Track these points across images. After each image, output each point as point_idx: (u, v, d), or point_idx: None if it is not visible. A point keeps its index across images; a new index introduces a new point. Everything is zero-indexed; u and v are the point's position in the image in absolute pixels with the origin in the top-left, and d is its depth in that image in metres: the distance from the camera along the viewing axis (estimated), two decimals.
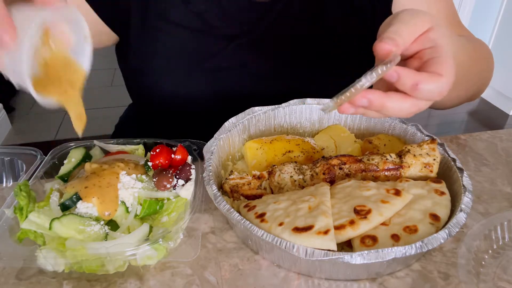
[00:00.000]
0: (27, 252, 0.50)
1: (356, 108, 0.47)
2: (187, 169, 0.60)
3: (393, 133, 0.71)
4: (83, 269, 0.50)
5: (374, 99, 0.46)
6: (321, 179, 0.59)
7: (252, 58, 0.78)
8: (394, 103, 0.46)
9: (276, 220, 0.51)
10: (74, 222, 0.51)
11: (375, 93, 0.46)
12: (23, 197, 0.53)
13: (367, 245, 0.48)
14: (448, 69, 0.46)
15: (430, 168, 0.59)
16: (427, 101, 0.47)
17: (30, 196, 0.55)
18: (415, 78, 0.45)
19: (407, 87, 0.46)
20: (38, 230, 0.51)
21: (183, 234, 0.56)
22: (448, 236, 0.47)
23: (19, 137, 2.67)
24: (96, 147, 0.67)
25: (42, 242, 0.52)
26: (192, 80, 0.78)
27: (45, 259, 0.49)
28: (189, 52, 0.77)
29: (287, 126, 0.75)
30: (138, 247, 0.49)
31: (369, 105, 0.46)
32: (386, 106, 0.46)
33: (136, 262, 0.52)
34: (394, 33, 0.46)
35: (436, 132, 0.69)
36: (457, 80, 0.50)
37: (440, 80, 0.45)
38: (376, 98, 0.46)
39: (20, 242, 0.52)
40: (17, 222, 0.53)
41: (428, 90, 0.45)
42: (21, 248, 0.51)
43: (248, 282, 0.52)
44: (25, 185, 0.55)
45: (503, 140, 0.82)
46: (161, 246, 0.52)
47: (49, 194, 0.57)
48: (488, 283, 0.50)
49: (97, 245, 0.50)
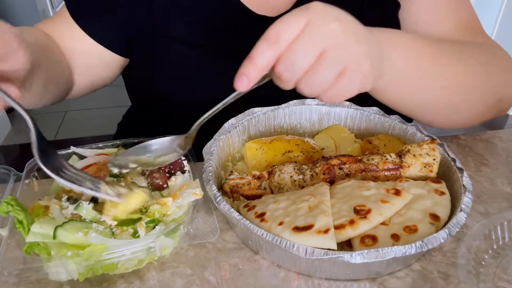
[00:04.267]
0: (38, 263, 0.49)
1: (249, 80, 0.48)
2: (179, 162, 0.60)
3: (393, 133, 0.71)
4: (99, 272, 0.50)
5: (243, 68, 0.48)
6: (321, 179, 0.59)
7: None
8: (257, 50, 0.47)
9: (276, 219, 0.51)
10: (77, 227, 0.51)
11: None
12: (18, 211, 0.52)
13: (367, 244, 0.48)
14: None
15: (430, 168, 0.59)
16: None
17: (23, 208, 0.53)
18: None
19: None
20: (44, 240, 0.50)
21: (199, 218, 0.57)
22: (448, 236, 0.47)
23: (19, 137, 2.67)
24: (73, 156, 0.66)
25: (47, 254, 0.50)
26: (194, 89, 0.79)
27: (55, 268, 0.48)
28: (191, 65, 0.78)
29: (287, 127, 0.75)
30: (156, 238, 0.50)
31: (247, 75, 0.47)
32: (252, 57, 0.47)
33: (154, 256, 0.52)
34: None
35: (436, 132, 0.68)
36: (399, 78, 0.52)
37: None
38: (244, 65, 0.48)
39: (28, 254, 0.51)
40: (21, 236, 0.51)
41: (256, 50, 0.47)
42: (31, 260, 0.50)
43: (248, 282, 0.52)
44: (14, 199, 0.53)
45: (503, 140, 0.82)
46: (177, 234, 0.53)
47: (38, 205, 0.55)
48: (488, 283, 0.49)
49: (117, 242, 0.50)
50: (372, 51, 0.51)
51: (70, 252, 0.49)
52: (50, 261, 0.49)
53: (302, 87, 0.49)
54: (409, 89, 0.64)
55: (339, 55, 0.47)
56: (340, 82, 0.48)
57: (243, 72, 0.48)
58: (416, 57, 0.61)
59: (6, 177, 0.62)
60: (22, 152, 2.55)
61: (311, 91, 0.49)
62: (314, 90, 0.49)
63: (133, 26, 0.77)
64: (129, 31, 0.78)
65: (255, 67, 0.47)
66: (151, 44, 0.78)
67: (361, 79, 0.49)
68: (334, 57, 0.46)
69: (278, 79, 0.49)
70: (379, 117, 0.72)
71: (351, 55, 0.47)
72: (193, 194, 0.55)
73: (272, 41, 0.46)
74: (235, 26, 0.77)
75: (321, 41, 0.46)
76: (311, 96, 0.51)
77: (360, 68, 0.48)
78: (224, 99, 0.53)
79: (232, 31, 0.77)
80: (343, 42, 0.47)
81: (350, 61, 0.47)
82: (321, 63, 0.46)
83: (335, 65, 0.47)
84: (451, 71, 0.66)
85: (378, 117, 0.72)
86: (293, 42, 0.46)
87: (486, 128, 0.87)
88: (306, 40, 0.46)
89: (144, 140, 0.66)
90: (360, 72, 0.49)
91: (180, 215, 0.55)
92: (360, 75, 0.49)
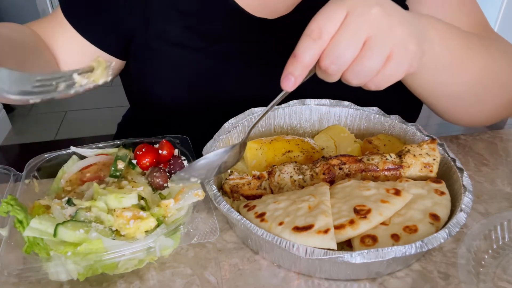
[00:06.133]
0: (38, 262, 0.49)
1: (296, 78, 0.48)
2: (179, 162, 0.60)
3: (393, 133, 0.71)
4: (99, 271, 0.50)
5: (289, 66, 0.48)
6: (321, 179, 0.59)
7: (254, 71, 0.78)
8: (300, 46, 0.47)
9: (276, 219, 0.51)
10: (78, 226, 0.51)
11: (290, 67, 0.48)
12: (18, 210, 0.52)
13: (367, 244, 0.48)
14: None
15: (430, 168, 0.59)
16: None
17: (23, 208, 0.53)
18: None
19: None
20: (42, 236, 0.50)
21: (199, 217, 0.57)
22: (448, 236, 0.47)
23: (19, 137, 2.67)
24: (73, 156, 0.65)
25: (46, 254, 0.50)
26: (192, 92, 0.78)
27: (55, 268, 0.48)
28: (189, 68, 0.78)
29: (286, 127, 0.75)
30: (157, 239, 0.50)
31: (294, 75, 0.47)
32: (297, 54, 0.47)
33: (154, 256, 0.52)
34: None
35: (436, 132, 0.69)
36: (439, 63, 0.51)
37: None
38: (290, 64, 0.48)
39: (28, 254, 0.50)
40: (21, 236, 0.51)
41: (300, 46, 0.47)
42: (31, 260, 0.50)
43: (248, 282, 0.52)
44: (13, 199, 0.53)
45: (503, 140, 0.82)
46: (177, 234, 0.52)
47: (38, 205, 0.55)
48: (488, 283, 0.49)
49: (117, 242, 0.50)
50: (416, 31, 0.50)
51: (70, 251, 0.49)
52: (50, 261, 0.49)
53: (350, 77, 0.48)
54: (442, 74, 0.64)
55: (384, 39, 0.46)
56: (388, 67, 0.48)
57: (290, 71, 0.47)
58: (451, 41, 0.61)
59: (6, 177, 0.62)
60: (22, 152, 2.55)
61: (359, 80, 0.48)
62: (362, 79, 0.48)
63: (128, 29, 0.77)
64: (124, 33, 0.77)
65: (302, 65, 0.47)
66: (148, 47, 0.77)
67: (409, 60, 0.49)
68: (379, 42, 0.46)
69: (324, 73, 0.48)
70: (379, 117, 0.72)
71: (396, 37, 0.47)
72: (195, 195, 0.55)
73: (315, 37, 0.46)
74: (233, 29, 0.77)
75: (364, 28, 0.45)
76: (359, 85, 0.50)
77: (406, 49, 0.48)
78: (272, 101, 0.52)
79: (231, 34, 0.77)
80: (386, 26, 0.46)
81: (395, 44, 0.47)
82: (366, 50, 0.46)
83: (381, 50, 0.46)
84: (477, 60, 0.66)
85: (378, 117, 0.72)
86: (336, 34, 0.45)
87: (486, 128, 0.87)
88: (348, 30, 0.45)
89: (144, 140, 0.66)
90: (407, 53, 0.48)
91: (181, 216, 0.55)
92: (407, 56, 0.48)
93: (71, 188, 0.59)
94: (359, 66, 0.47)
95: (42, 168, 0.63)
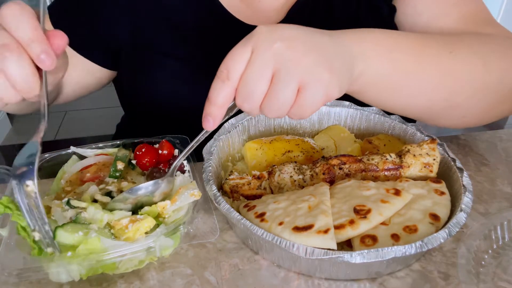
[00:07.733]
0: (38, 263, 0.49)
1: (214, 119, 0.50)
2: None
3: (393, 133, 0.71)
4: (99, 271, 0.50)
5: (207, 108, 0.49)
6: (321, 179, 0.59)
7: None
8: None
9: (276, 219, 0.51)
10: (77, 228, 0.50)
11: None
12: (20, 216, 0.50)
13: (367, 244, 0.48)
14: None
15: (430, 168, 0.59)
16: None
17: None
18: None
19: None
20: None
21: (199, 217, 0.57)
22: (448, 236, 0.47)
23: (19, 137, 2.67)
24: (73, 156, 0.65)
25: (49, 255, 0.50)
26: (185, 101, 0.78)
27: (56, 268, 0.48)
28: (181, 80, 0.77)
29: (286, 127, 0.75)
30: (157, 239, 0.50)
31: (211, 116, 0.49)
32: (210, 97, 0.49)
33: (154, 256, 0.53)
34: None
35: (436, 132, 0.68)
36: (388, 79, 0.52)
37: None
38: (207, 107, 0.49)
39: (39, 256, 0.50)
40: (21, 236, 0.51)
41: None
42: (31, 260, 0.49)
43: (248, 282, 0.52)
44: (11, 202, 0.52)
45: (503, 140, 0.82)
46: (177, 234, 0.53)
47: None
48: (488, 283, 0.49)
49: (117, 242, 0.50)
50: (328, 57, 0.49)
51: (70, 252, 0.49)
52: (51, 261, 0.48)
53: (266, 111, 0.49)
54: (393, 88, 0.61)
55: (289, 71, 0.46)
56: (302, 97, 0.47)
57: (207, 113, 0.49)
58: (397, 54, 0.58)
59: (6, 177, 0.62)
60: None
61: (277, 113, 0.49)
62: (279, 112, 0.49)
63: (116, 40, 0.77)
64: (111, 44, 0.77)
65: (216, 107, 0.48)
66: (140, 58, 0.77)
67: (324, 88, 0.48)
68: (285, 74, 0.46)
69: (242, 109, 0.50)
70: (379, 117, 0.72)
71: (301, 68, 0.46)
72: (191, 195, 0.55)
73: (224, 78, 0.47)
74: (226, 38, 0.77)
75: (269, 64, 0.46)
76: (279, 117, 0.51)
77: (317, 78, 0.47)
78: (195, 138, 0.54)
79: (224, 42, 0.77)
80: (291, 58, 0.46)
81: (302, 74, 0.47)
82: (275, 84, 0.47)
83: (289, 82, 0.46)
84: (439, 66, 0.62)
85: (378, 117, 0.72)
86: (244, 73, 0.47)
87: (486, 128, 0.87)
88: (255, 67, 0.46)
89: (144, 140, 0.66)
90: (319, 81, 0.47)
91: (180, 216, 0.55)
92: (321, 84, 0.47)
93: (71, 188, 0.59)
94: (271, 100, 0.47)
95: (42, 168, 0.63)
